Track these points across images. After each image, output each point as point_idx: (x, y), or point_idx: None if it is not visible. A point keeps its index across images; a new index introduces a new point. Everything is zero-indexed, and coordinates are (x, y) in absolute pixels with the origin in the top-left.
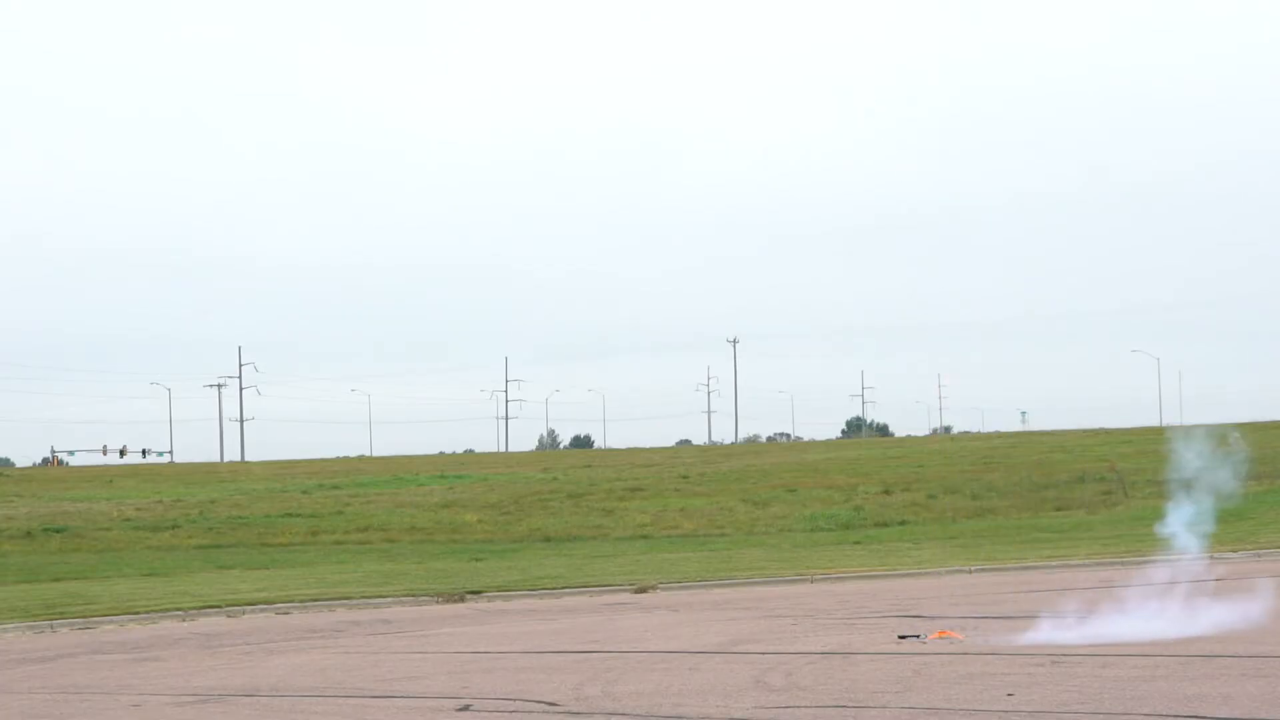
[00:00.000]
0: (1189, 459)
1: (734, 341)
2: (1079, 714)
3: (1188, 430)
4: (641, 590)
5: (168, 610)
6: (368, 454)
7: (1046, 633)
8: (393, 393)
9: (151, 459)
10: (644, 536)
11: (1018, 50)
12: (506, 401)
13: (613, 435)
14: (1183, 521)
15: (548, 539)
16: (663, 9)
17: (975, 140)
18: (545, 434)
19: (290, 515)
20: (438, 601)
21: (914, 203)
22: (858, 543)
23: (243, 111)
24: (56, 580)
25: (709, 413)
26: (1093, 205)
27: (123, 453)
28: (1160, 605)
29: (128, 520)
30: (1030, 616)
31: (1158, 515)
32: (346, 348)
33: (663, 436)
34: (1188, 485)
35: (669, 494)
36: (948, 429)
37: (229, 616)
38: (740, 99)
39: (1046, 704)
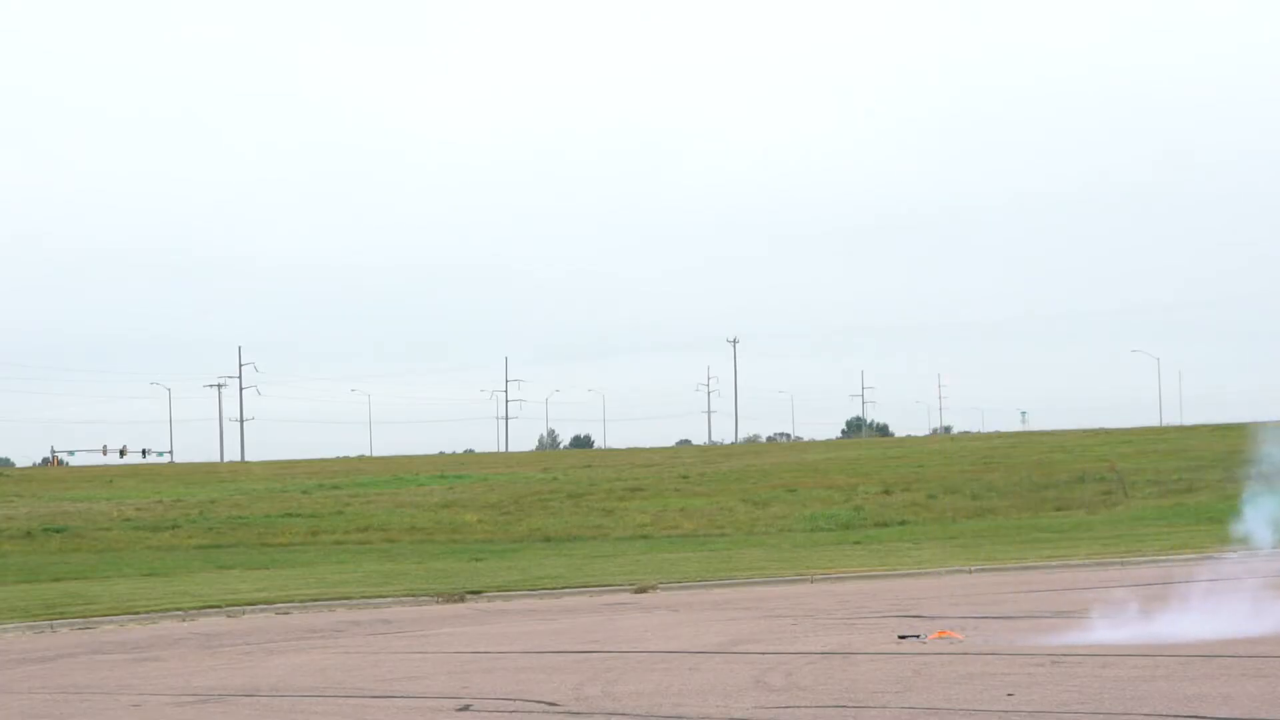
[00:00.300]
0: (1275, 454)
1: (734, 341)
2: (1079, 714)
3: (1275, 427)
4: (641, 590)
5: (168, 610)
6: (368, 454)
7: (1103, 632)
8: (393, 393)
9: (151, 459)
10: (644, 536)
11: (1018, 50)
12: (506, 401)
13: (613, 435)
14: (1263, 518)
15: (548, 539)
16: (663, 9)
17: (975, 140)
18: (545, 434)
19: (290, 515)
20: (438, 601)
21: (914, 203)
22: (858, 543)
23: (243, 111)
24: (56, 580)
25: (709, 413)
26: (1093, 205)
27: (123, 453)
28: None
29: (128, 520)
30: (1031, 616)
31: (1158, 515)
32: (346, 348)
33: (663, 436)
34: (1270, 480)
35: (669, 494)
36: (948, 429)
37: (229, 616)
38: (740, 99)
39: (1046, 704)
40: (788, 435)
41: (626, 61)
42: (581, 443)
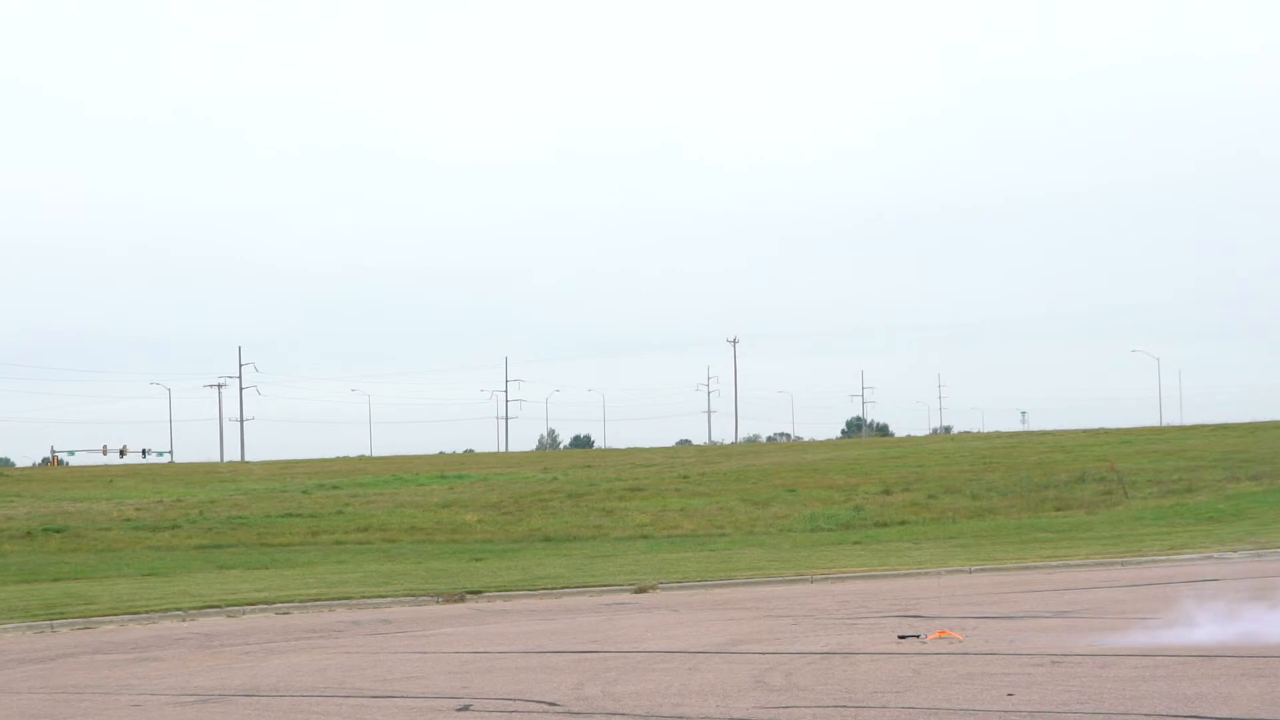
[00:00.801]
0: None
1: (734, 341)
2: (1079, 714)
3: None
4: (641, 590)
5: (168, 610)
6: (368, 454)
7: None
8: (393, 393)
9: (151, 459)
10: (644, 536)
11: (1019, 51)
12: (506, 401)
13: (613, 435)
14: None
15: (548, 539)
16: (664, 11)
17: (976, 140)
18: (545, 434)
19: (290, 515)
20: (438, 601)
21: (915, 203)
22: (858, 543)
23: (243, 112)
24: (56, 580)
25: (709, 413)
26: (1093, 205)
27: (123, 453)
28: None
29: (128, 520)
30: (1031, 616)
31: (1158, 515)
32: (346, 348)
33: (663, 436)
34: None
35: (669, 494)
36: (948, 429)
37: (229, 616)
38: (740, 100)
39: (1046, 704)
40: (788, 435)
41: (627, 62)
42: (581, 443)
